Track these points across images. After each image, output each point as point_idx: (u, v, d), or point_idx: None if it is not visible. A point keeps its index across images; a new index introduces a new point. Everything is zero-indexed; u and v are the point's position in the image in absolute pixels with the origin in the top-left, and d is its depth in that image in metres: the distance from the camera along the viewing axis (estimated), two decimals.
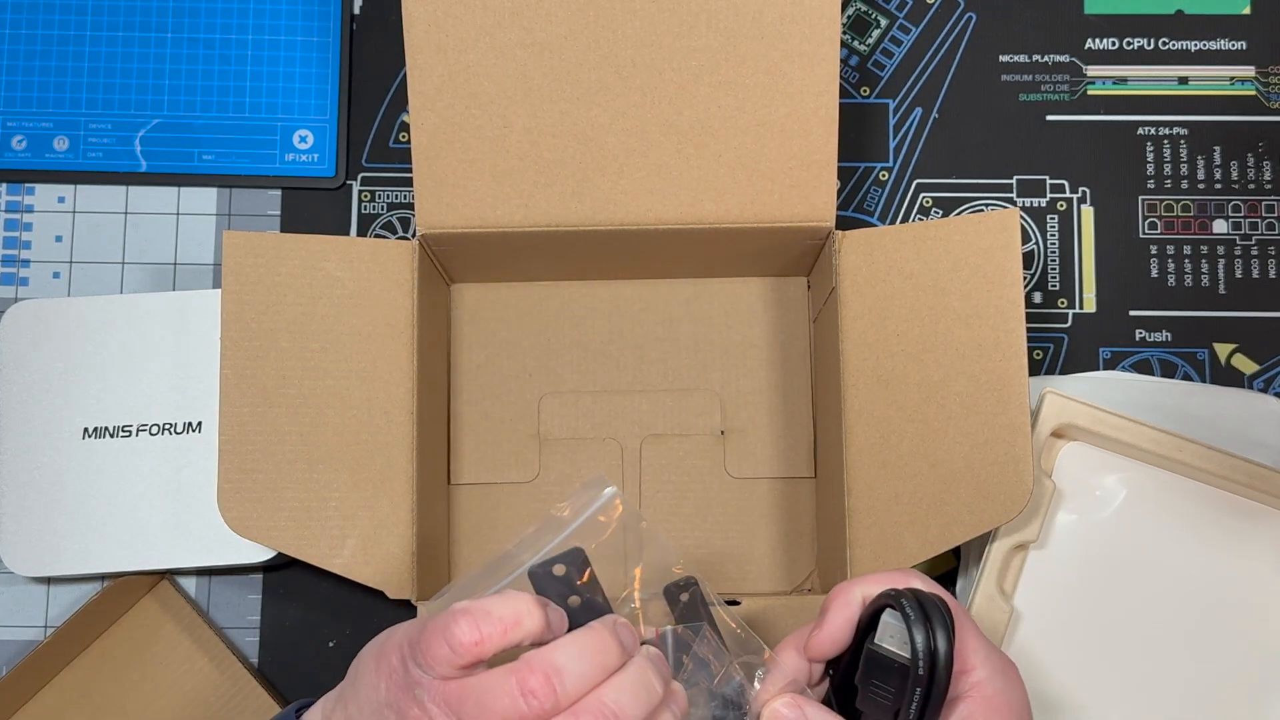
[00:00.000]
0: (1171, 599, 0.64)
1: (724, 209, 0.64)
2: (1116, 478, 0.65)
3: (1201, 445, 0.63)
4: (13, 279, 0.73)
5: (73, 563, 0.67)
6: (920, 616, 0.46)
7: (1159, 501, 0.65)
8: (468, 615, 0.45)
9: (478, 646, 0.45)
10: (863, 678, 0.48)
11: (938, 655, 0.46)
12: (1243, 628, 0.64)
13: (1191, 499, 0.65)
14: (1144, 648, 0.64)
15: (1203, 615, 0.64)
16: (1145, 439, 0.63)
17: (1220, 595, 0.64)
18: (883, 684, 0.48)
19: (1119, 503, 0.65)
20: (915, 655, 0.46)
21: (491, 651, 0.45)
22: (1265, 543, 0.64)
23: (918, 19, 0.75)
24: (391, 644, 0.47)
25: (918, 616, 0.46)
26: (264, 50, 0.74)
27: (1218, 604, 0.64)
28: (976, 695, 0.48)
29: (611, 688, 0.46)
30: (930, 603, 0.47)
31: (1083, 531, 0.65)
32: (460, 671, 0.45)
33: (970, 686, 0.48)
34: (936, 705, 0.46)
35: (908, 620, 0.46)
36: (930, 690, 0.46)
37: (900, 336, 0.62)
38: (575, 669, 0.45)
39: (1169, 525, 0.65)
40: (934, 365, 0.61)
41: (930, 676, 0.46)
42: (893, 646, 0.47)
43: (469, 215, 0.64)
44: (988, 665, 0.49)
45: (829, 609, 0.50)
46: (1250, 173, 0.74)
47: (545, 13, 0.62)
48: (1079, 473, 0.65)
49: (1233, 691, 0.63)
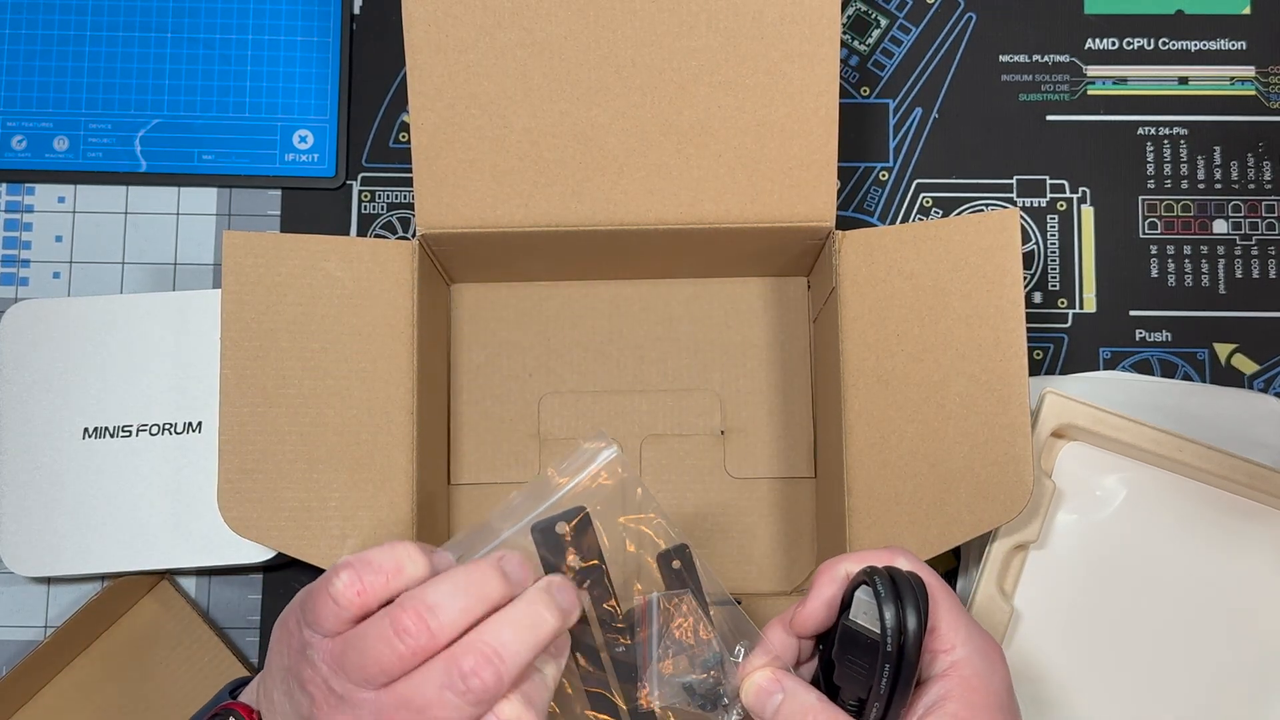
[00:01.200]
0: (1171, 599, 0.64)
1: (724, 209, 0.64)
2: (1116, 478, 0.65)
3: (1201, 445, 0.63)
4: (13, 279, 0.73)
5: (73, 563, 0.67)
6: (891, 593, 0.46)
7: (1159, 501, 0.65)
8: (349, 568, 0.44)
9: (360, 597, 0.44)
10: (839, 653, 0.49)
11: (906, 632, 0.46)
12: (1242, 627, 0.64)
13: (1191, 499, 0.65)
14: (1144, 647, 0.64)
15: (1202, 615, 0.64)
16: (1145, 439, 0.63)
17: (1220, 595, 0.64)
18: (857, 659, 0.48)
19: (1119, 503, 0.65)
20: (884, 631, 0.46)
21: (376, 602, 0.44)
22: (1265, 543, 0.64)
23: (918, 19, 0.75)
24: (290, 609, 0.47)
25: (888, 593, 0.46)
26: (264, 50, 0.74)
27: (1218, 604, 0.64)
28: (954, 675, 0.48)
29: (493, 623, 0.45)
30: (904, 580, 0.47)
31: (1083, 531, 0.65)
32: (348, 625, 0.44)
33: (949, 666, 0.48)
34: (906, 682, 0.46)
35: (878, 597, 0.47)
36: (900, 667, 0.46)
37: (900, 336, 0.62)
38: (450, 604, 0.44)
39: (1169, 525, 0.65)
40: (934, 365, 0.61)
41: (899, 654, 0.46)
42: (865, 622, 0.48)
43: (469, 215, 0.64)
44: (968, 645, 0.49)
45: (814, 585, 0.50)
46: (1250, 173, 0.74)
47: (545, 13, 0.62)
48: (1079, 473, 0.65)
49: (1232, 691, 0.63)
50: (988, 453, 0.59)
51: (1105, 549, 0.65)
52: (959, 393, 0.60)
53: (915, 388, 0.61)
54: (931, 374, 0.61)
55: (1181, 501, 0.65)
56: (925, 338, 0.61)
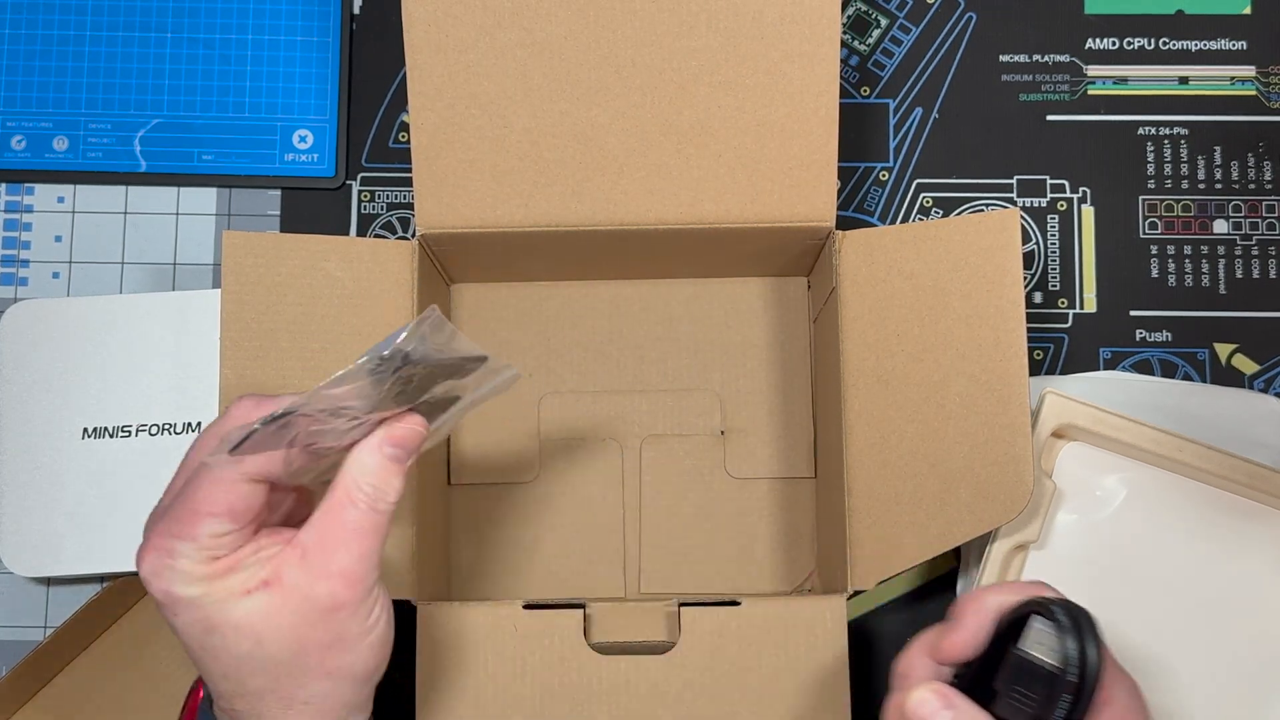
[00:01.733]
0: (1171, 599, 0.64)
1: (724, 209, 0.64)
2: (1116, 478, 0.65)
3: (1201, 445, 0.63)
4: (12, 279, 0.73)
5: (73, 563, 0.67)
6: (1073, 624, 0.47)
7: (1159, 501, 0.65)
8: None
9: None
10: (1005, 682, 0.48)
11: (1088, 663, 0.46)
12: (1242, 627, 0.64)
13: (1192, 499, 0.65)
14: (1143, 647, 0.64)
15: (1202, 615, 0.64)
16: (1145, 439, 0.63)
17: (1220, 594, 0.64)
18: (1025, 689, 0.48)
19: (1119, 503, 0.65)
20: (1068, 661, 0.46)
21: None
22: (1265, 542, 0.64)
23: (918, 19, 0.75)
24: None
25: (1070, 624, 0.47)
26: (264, 50, 0.74)
27: (1217, 603, 0.64)
28: (1116, 706, 0.48)
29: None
30: (1081, 612, 0.47)
31: (1083, 531, 0.65)
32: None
33: (1106, 699, 0.48)
34: (1082, 712, 0.46)
35: (1060, 627, 0.47)
36: (1078, 697, 0.46)
37: (900, 336, 0.62)
38: None
39: (1169, 525, 0.65)
40: (934, 365, 0.61)
41: (1080, 684, 0.46)
42: (1041, 653, 0.48)
43: (469, 215, 0.64)
44: (1121, 681, 0.49)
45: (963, 615, 0.50)
46: (1250, 173, 0.74)
47: (545, 13, 0.62)
48: (1079, 473, 0.65)
49: (1233, 691, 0.63)
50: (988, 453, 0.59)
51: (1105, 549, 0.65)
52: (959, 393, 0.60)
53: (915, 388, 0.61)
54: (931, 374, 0.61)
55: (1182, 501, 0.65)
56: (925, 338, 0.61)
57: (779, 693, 0.61)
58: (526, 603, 0.61)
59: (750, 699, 0.61)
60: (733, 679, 0.61)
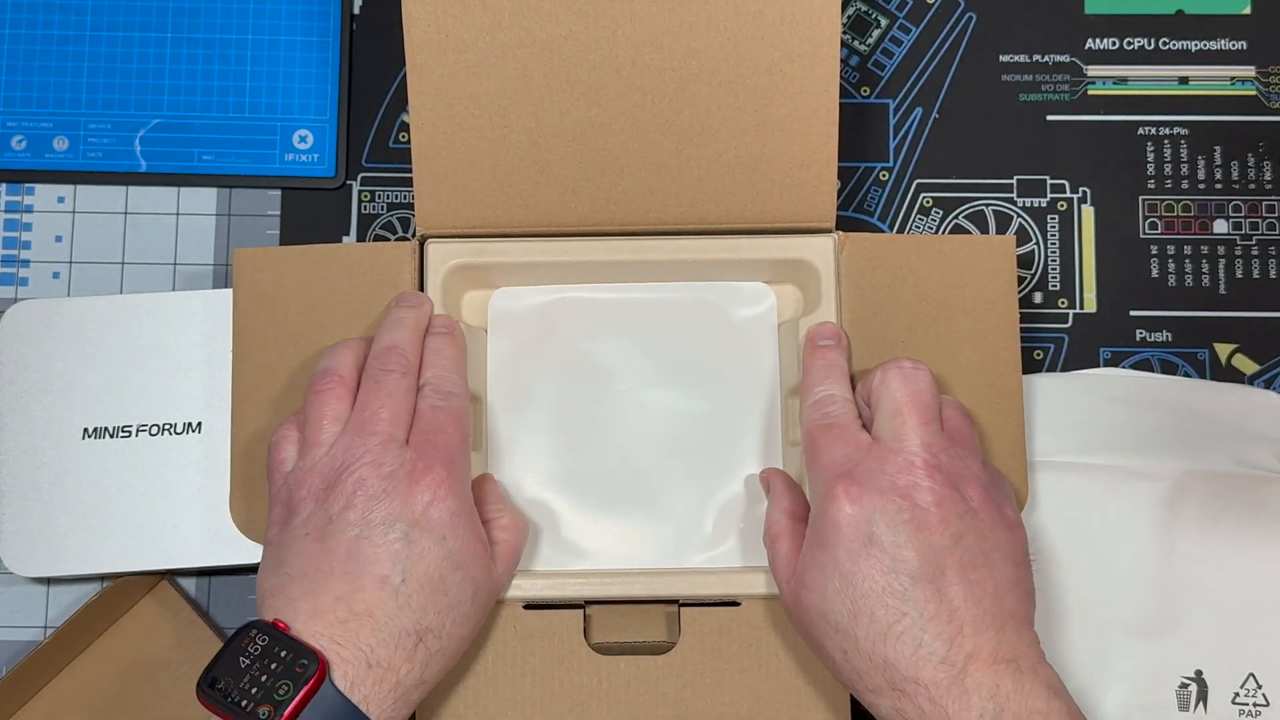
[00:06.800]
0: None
1: (724, 209, 0.64)
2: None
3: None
4: (12, 279, 0.73)
5: (73, 563, 0.67)
6: None
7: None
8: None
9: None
10: None
11: None
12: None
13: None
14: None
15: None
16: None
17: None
18: None
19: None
20: None
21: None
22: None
23: (918, 19, 0.75)
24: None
25: None
26: (264, 50, 0.74)
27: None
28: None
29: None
30: None
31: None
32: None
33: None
34: None
35: None
36: None
37: (899, 345, 0.63)
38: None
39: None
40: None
41: None
42: None
43: (469, 215, 0.64)
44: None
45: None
46: (1251, 173, 0.74)
47: (545, 13, 0.62)
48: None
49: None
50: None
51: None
52: None
53: None
54: None
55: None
56: (923, 347, 0.62)
57: (779, 693, 0.61)
58: (526, 603, 0.61)
59: (750, 699, 0.61)
60: (733, 679, 0.61)
